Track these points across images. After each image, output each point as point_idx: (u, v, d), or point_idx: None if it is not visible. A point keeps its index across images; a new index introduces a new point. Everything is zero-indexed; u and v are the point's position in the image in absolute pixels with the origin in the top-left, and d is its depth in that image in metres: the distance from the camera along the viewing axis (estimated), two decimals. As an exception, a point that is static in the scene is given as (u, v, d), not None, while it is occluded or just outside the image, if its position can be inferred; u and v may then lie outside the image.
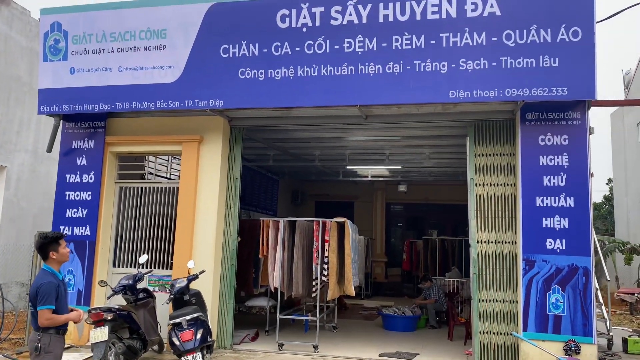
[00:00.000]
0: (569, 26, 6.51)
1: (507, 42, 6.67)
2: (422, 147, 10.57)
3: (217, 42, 7.50)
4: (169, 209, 8.49)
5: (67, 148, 8.44)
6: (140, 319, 6.88)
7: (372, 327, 10.56)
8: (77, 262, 8.11)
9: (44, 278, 4.33)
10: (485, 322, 7.20)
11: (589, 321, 6.61)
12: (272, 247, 8.39)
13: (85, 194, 8.25)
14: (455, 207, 17.54)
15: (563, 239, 6.78)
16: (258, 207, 13.43)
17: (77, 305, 8.02)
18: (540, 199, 6.92)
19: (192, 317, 6.43)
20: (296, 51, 7.26)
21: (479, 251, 7.33)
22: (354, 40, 7.10)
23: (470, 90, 6.72)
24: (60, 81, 8.01)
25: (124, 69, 7.79)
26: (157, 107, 7.64)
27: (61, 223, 8.26)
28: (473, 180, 7.46)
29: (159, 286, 7.62)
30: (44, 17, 8.16)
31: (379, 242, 17.43)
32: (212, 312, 7.74)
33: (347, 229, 8.33)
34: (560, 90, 6.49)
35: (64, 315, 4.40)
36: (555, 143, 6.96)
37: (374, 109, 7.65)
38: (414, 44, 6.93)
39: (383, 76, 7.00)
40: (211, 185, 8.05)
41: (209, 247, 7.93)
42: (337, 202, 17.71)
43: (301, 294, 8.59)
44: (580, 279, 6.67)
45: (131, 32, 7.81)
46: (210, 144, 8.15)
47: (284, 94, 7.31)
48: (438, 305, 10.73)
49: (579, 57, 6.47)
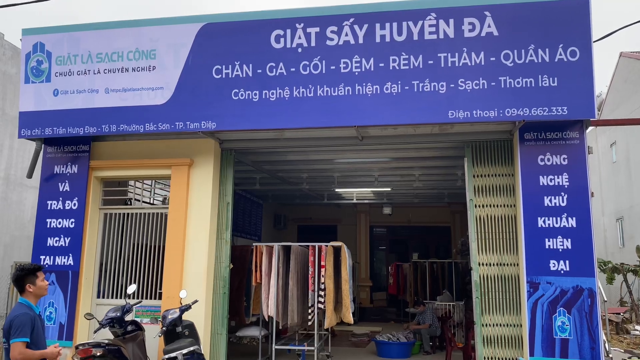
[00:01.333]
0: (566, 46, 6.53)
1: (506, 62, 6.65)
2: (412, 169, 10.48)
3: (209, 62, 7.29)
4: (156, 236, 8.12)
5: (48, 173, 8.02)
6: (130, 353, 6.46)
7: (365, 354, 10.26)
8: (59, 294, 7.63)
9: (18, 310, 4.06)
10: (489, 347, 7.01)
11: (596, 344, 6.47)
12: (266, 274, 8.09)
13: (68, 221, 7.82)
14: (437, 229, 17.59)
15: (567, 260, 6.68)
16: (243, 232, 13.11)
17: (59, 341, 7.51)
18: (542, 219, 6.83)
19: (188, 351, 6.07)
20: (291, 72, 7.10)
21: (481, 274, 7.17)
22: (350, 61, 6.99)
23: (470, 110, 6.64)
24: (42, 104, 7.65)
25: (111, 90, 7.48)
26: (147, 130, 7.35)
27: (42, 252, 7.79)
28: (472, 202, 7.34)
29: (150, 318, 7.19)
30: (25, 38, 7.82)
31: (364, 266, 17.22)
32: (204, 343, 7.34)
33: (343, 253, 8.10)
34: (560, 110, 6.47)
35: (39, 351, 4.06)
36: (555, 163, 6.92)
37: (370, 130, 7.51)
38: (411, 64, 6.85)
39: (381, 97, 6.88)
40: (202, 211, 7.73)
41: (200, 275, 7.57)
42: (320, 226, 17.53)
43: (296, 323, 8.27)
44: (586, 300, 6.56)
45: (119, 53, 7.54)
46: (201, 167, 7.86)
47: (279, 115, 7.10)
48: (432, 330, 10.51)
49: (577, 76, 6.47)
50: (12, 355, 3.92)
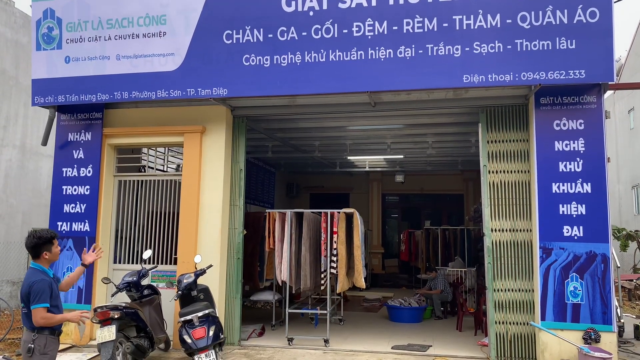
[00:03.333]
0: (586, 7, 6.33)
1: (522, 24, 6.48)
2: (425, 136, 10.39)
3: (219, 28, 7.20)
4: (170, 203, 8.21)
5: (63, 141, 8.09)
6: (146, 316, 6.61)
7: (377, 319, 10.40)
8: (77, 259, 7.79)
9: (35, 276, 4.14)
10: (501, 312, 7.06)
11: (608, 309, 6.49)
12: (279, 240, 8.16)
13: (84, 188, 7.92)
14: (450, 197, 17.54)
15: (580, 225, 6.64)
16: (256, 200, 13.19)
17: (78, 304, 7.73)
18: (556, 185, 6.77)
19: (203, 314, 6.18)
20: (303, 36, 6.99)
21: (493, 240, 7.17)
22: (363, 24, 6.86)
23: (485, 74, 6.52)
24: (54, 71, 7.66)
25: (122, 57, 7.46)
26: (158, 97, 7.34)
27: (59, 219, 7.92)
28: (486, 168, 7.28)
29: (166, 282, 7.32)
30: (35, 4, 7.77)
31: (376, 233, 17.28)
32: (219, 307, 7.49)
33: (355, 220, 8.12)
34: (578, 73, 6.32)
35: (60, 315, 4.22)
36: (571, 128, 6.81)
37: (384, 95, 7.42)
38: (425, 27, 6.71)
39: (394, 61, 6.77)
40: (215, 177, 7.77)
41: (214, 241, 7.66)
42: (332, 194, 17.54)
43: (309, 287, 8.37)
44: (599, 266, 6.55)
45: (129, 19, 7.48)
46: (213, 134, 7.86)
47: (291, 81, 7.04)
48: (444, 295, 10.60)
49: (596, 38, 6.30)
50: (34, 320, 4.04)
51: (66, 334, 7.43)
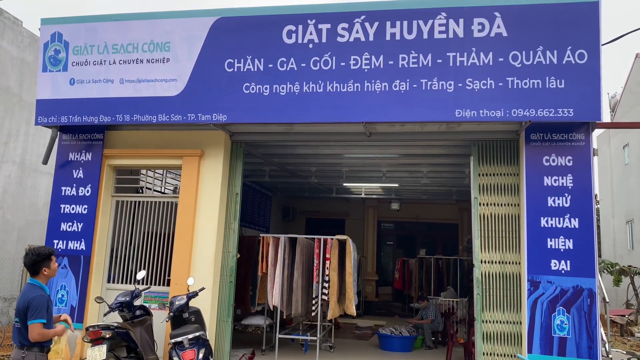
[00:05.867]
0: (574, 48, 6.58)
1: (514, 63, 6.71)
2: (420, 166, 10.58)
3: (221, 56, 7.43)
4: (166, 224, 8.32)
5: (63, 160, 8.24)
6: (137, 337, 6.66)
7: (368, 347, 10.41)
8: (71, 277, 7.87)
9: (34, 292, 4.27)
10: (489, 343, 7.13)
11: (594, 343, 6.57)
12: (272, 265, 8.25)
13: (81, 207, 8.04)
14: (445, 226, 17.65)
15: (568, 260, 6.77)
16: (251, 223, 13.30)
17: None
18: (544, 219, 6.91)
19: (194, 336, 6.25)
20: (302, 67, 7.22)
21: (483, 271, 7.28)
22: (360, 58, 7.09)
23: (477, 109, 6.73)
24: (59, 92, 7.86)
25: (126, 81, 7.67)
26: (159, 121, 7.52)
27: (55, 237, 8.02)
28: (477, 200, 7.44)
29: (158, 303, 7.39)
30: (44, 27, 8.02)
31: (370, 260, 17.33)
32: (210, 330, 7.54)
33: (348, 246, 8.24)
34: (567, 112, 6.53)
35: (52, 329, 4.35)
36: (560, 164, 6.99)
37: (378, 126, 7.62)
38: (420, 62, 6.94)
39: (389, 94, 6.98)
40: (211, 201, 7.91)
41: (208, 264, 7.76)
42: (328, 219, 17.63)
43: (300, 313, 8.44)
44: (585, 300, 6.65)
45: (134, 44, 7.71)
46: (211, 158, 8.03)
47: (289, 109, 7.24)
48: (434, 325, 10.63)
49: (584, 79, 6.52)
50: (31, 335, 4.16)
51: (56, 352, 7.46)
